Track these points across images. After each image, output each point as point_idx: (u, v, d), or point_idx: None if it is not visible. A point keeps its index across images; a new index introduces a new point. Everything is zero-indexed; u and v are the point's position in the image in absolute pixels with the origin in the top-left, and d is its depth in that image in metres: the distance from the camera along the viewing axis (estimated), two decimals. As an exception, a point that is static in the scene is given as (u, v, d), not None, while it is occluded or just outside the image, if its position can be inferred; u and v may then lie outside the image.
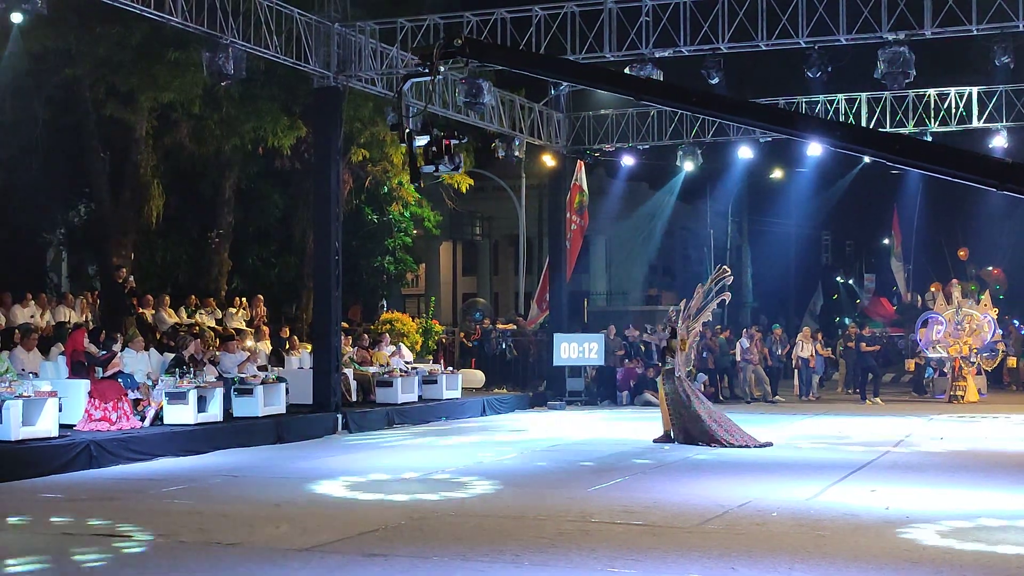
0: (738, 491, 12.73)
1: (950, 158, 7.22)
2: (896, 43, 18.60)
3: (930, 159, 7.37)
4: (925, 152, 7.63)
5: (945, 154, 7.32)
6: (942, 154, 7.35)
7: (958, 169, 7.12)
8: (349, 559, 9.24)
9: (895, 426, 21.07)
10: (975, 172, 7.08)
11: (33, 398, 14.95)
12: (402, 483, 13.66)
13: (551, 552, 9.44)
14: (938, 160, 7.28)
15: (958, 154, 7.26)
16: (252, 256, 30.77)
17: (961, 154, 7.29)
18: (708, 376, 27.80)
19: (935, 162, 7.27)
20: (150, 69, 22.45)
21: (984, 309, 28.43)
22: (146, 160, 25.42)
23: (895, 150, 7.44)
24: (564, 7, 20.02)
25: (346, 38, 20.60)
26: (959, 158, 7.19)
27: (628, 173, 33.07)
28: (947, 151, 7.33)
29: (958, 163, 7.12)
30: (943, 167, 7.21)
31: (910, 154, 7.49)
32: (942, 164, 7.19)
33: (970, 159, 7.24)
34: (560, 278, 28.63)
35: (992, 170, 7.22)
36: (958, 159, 7.16)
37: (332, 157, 20.62)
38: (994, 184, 7.19)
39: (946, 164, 7.17)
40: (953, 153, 7.29)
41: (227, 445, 17.06)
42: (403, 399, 22.56)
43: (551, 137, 27.64)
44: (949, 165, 7.14)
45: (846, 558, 9.25)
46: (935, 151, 7.49)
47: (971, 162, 7.20)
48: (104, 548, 9.66)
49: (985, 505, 11.87)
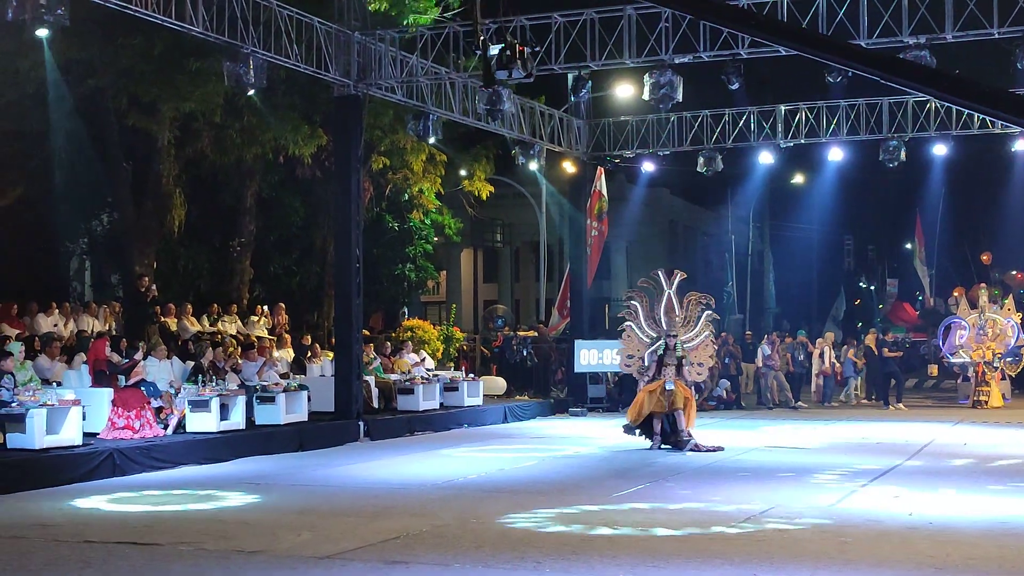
0: (761, 497, 12.70)
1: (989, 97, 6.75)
2: (917, 47, 18.52)
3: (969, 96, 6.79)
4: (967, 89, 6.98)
5: (985, 93, 6.80)
6: (982, 93, 6.78)
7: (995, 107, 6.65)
8: (371, 567, 9.25)
9: (918, 431, 20.97)
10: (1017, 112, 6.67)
11: (57, 407, 15.02)
12: (425, 490, 13.67)
13: (573, 559, 9.42)
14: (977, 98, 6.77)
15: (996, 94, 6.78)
16: (274, 264, 30.88)
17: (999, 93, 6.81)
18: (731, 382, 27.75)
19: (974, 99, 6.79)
20: (172, 79, 22.57)
21: (1008, 314, 28.26)
22: (168, 169, 25.56)
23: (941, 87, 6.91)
24: (584, 14, 20.02)
25: (366, 46, 20.66)
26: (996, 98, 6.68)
27: (648, 179, 33.03)
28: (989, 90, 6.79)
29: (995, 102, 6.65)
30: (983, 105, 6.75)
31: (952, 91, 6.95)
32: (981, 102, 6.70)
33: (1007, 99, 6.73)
34: (581, 285, 28.62)
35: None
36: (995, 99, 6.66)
37: (353, 165, 20.67)
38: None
39: (984, 103, 6.70)
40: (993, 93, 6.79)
41: (249, 453, 17.10)
42: (424, 406, 22.57)
43: (571, 144, 27.64)
44: (987, 104, 6.66)
45: (869, 564, 9.21)
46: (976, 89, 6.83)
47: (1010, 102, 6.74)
48: (127, 556, 9.70)
49: (1010, 511, 11.80)
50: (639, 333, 18.74)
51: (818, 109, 25.58)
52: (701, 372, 19.09)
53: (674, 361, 17.98)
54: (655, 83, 19.75)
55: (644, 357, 18.45)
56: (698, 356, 18.60)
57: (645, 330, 18.66)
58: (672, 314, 18.57)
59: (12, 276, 23.63)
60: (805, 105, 25.66)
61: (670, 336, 18.17)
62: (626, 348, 19.01)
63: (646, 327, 18.67)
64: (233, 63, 18.08)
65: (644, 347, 18.56)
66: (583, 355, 26.83)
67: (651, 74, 19.78)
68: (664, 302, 18.70)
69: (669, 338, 18.15)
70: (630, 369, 18.94)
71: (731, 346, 29.15)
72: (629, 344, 18.92)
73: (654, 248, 53.06)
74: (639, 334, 18.73)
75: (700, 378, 19.45)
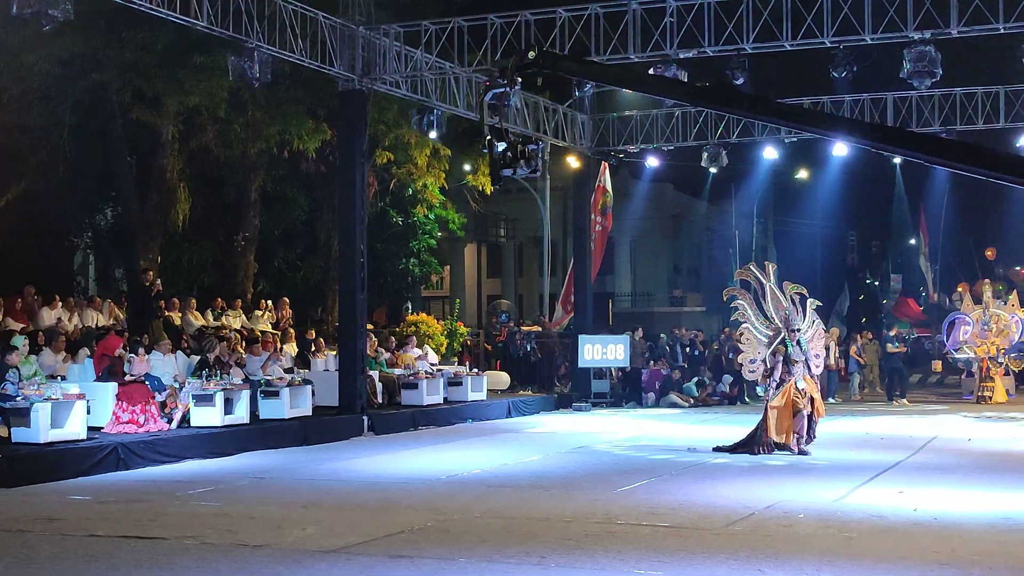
0: (765, 492, 12.70)
1: (982, 158, 7.25)
2: (922, 42, 18.49)
3: (962, 159, 7.40)
4: (957, 152, 7.64)
5: (976, 153, 7.34)
6: (974, 154, 7.37)
7: (992, 169, 7.14)
8: (376, 560, 9.25)
9: (922, 427, 20.96)
10: (1010, 172, 7.11)
11: (61, 400, 15.03)
12: (429, 484, 13.68)
13: (577, 554, 9.43)
14: (969, 160, 7.31)
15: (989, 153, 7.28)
16: (278, 259, 30.90)
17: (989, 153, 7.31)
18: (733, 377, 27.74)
19: (966, 162, 7.30)
20: (176, 73, 22.60)
21: (1012, 309, 28.26)
22: (172, 164, 25.57)
23: (929, 151, 7.48)
24: (588, 8, 19.99)
25: (371, 41, 20.65)
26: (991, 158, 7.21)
27: (653, 174, 32.99)
28: (978, 151, 7.35)
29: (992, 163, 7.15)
30: (975, 167, 7.24)
31: (944, 154, 7.52)
32: (974, 164, 7.22)
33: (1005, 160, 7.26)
34: (585, 280, 28.61)
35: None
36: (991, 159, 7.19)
37: (357, 160, 20.66)
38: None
39: (979, 164, 7.21)
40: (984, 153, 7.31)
41: (253, 447, 17.11)
42: (428, 401, 22.59)
43: (575, 139, 27.63)
44: (981, 165, 7.17)
45: (873, 559, 9.21)
46: (965, 151, 7.49)
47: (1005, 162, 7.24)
48: (132, 550, 9.72)
49: (1014, 506, 11.79)
50: (756, 334, 17.01)
51: (822, 104, 25.53)
52: (819, 364, 17.36)
53: (801, 357, 16.53)
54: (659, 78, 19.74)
55: (766, 359, 16.82)
56: (814, 347, 17.04)
57: (761, 329, 16.97)
58: (781, 308, 16.91)
59: (16, 270, 23.64)
60: (809, 100, 25.62)
61: (792, 331, 16.56)
62: (746, 352, 17.20)
63: (760, 326, 17.02)
64: (238, 57, 18.10)
65: (764, 348, 16.91)
66: (587, 350, 26.82)
67: (655, 69, 19.77)
68: (768, 296, 17.06)
69: (791, 333, 16.55)
70: (755, 375, 17.29)
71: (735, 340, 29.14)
72: (749, 347, 17.13)
73: (658, 243, 53.05)
74: (756, 334, 17.00)
75: (819, 370, 17.44)
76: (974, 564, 9.09)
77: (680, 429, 21.15)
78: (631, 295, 52.01)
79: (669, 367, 28.26)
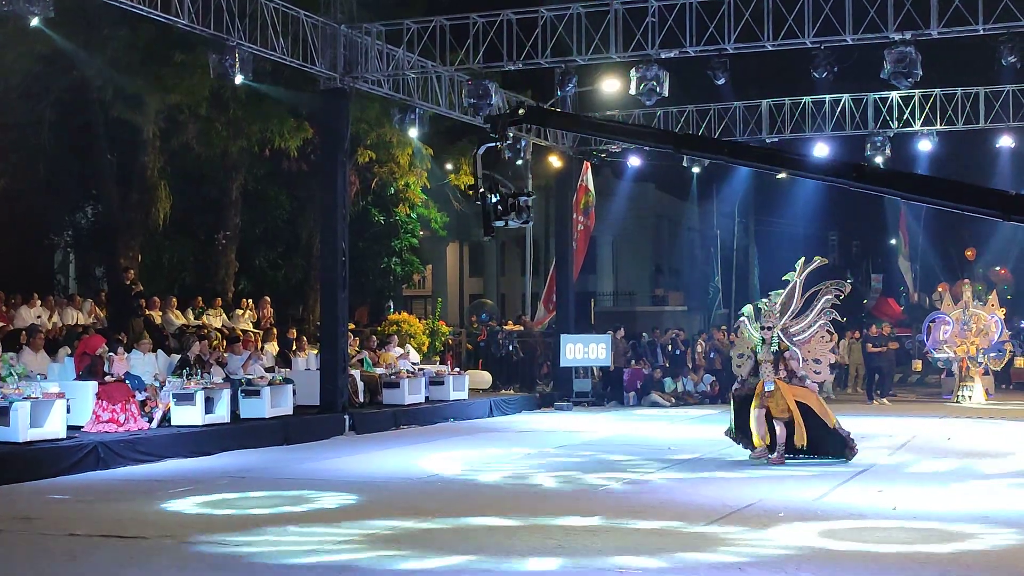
0: (745, 491, 12.74)
1: (952, 192, 7.63)
2: (902, 43, 18.58)
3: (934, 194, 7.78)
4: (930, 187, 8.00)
5: (948, 189, 7.70)
6: (945, 189, 7.72)
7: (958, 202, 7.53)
8: (356, 560, 9.24)
9: (902, 426, 21.05)
10: (977, 204, 7.45)
11: (41, 399, 14.96)
12: (409, 485, 13.67)
13: (559, 552, 9.43)
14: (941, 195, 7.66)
15: (960, 188, 7.67)
16: (259, 257, 30.83)
17: (962, 188, 7.70)
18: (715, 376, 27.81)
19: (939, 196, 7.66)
20: (157, 71, 22.51)
21: (991, 309, 28.38)
22: (153, 162, 25.49)
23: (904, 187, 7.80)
24: (570, 8, 20.01)
25: (352, 40, 20.62)
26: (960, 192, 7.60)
27: (634, 174, 33.07)
28: (951, 186, 7.72)
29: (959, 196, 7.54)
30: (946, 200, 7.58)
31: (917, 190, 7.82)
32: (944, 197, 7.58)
33: (971, 193, 7.61)
34: (567, 279, 28.65)
35: (994, 202, 7.54)
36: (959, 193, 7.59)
37: (339, 158, 20.63)
38: (999, 215, 7.50)
39: (948, 197, 7.60)
40: (956, 187, 7.70)
41: (234, 446, 17.07)
42: (410, 400, 22.58)
43: (557, 138, 27.64)
44: (951, 199, 7.56)
45: (853, 559, 9.24)
46: (939, 186, 7.81)
47: (972, 195, 7.58)
48: (111, 549, 9.69)
49: (993, 506, 11.85)
50: (748, 328, 16.09)
51: (803, 104, 25.63)
52: (819, 370, 16.06)
53: (770, 357, 15.36)
54: (641, 78, 19.81)
55: (755, 355, 15.75)
56: (813, 351, 15.82)
57: (757, 326, 15.83)
58: (788, 304, 15.89)
59: (-4, 268, 23.55)
60: (790, 100, 25.70)
61: (765, 328, 15.48)
62: (737, 347, 16.69)
63: (756, 324, 15.92)
64: (219, 55, 18.05)
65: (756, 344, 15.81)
66: (569, 349, 26.86)
67: (637, 69, 19.84)
68: (786, 292, 16.01)
69: (764, 331, 15.46)
70: (740, 371, 16.31)
71: (716, 340, 29.25)
72: (739, 342, 16.60)
73: (640, 243, 53.13)
74: (748, 329, 16.09)
75: (819, 377, 16.18)
76: (953, 563, 9.13)
77: (661, 428, 21.19)
78: (613, 294, 52.08)
79: (651, 366, 28.31)
